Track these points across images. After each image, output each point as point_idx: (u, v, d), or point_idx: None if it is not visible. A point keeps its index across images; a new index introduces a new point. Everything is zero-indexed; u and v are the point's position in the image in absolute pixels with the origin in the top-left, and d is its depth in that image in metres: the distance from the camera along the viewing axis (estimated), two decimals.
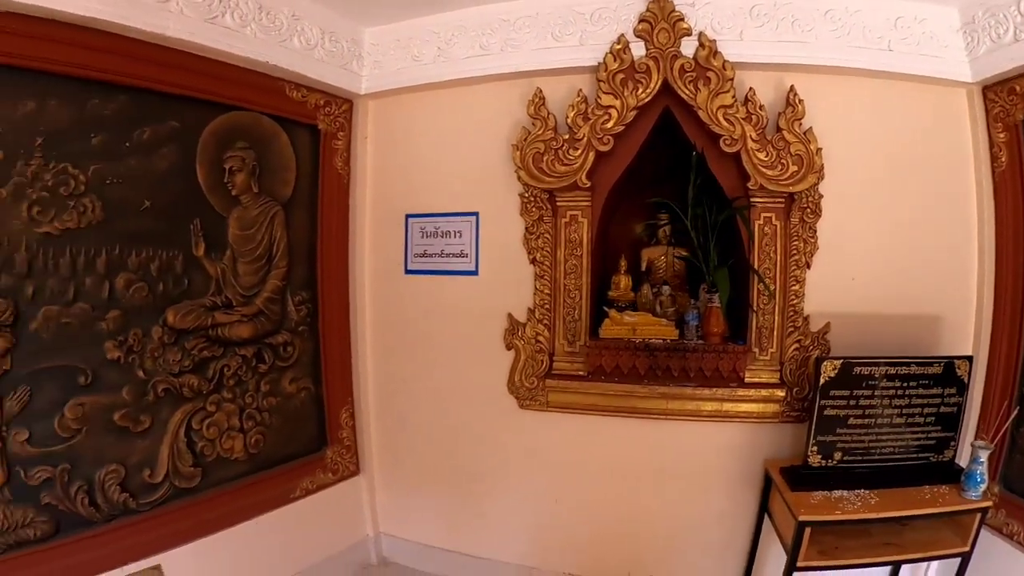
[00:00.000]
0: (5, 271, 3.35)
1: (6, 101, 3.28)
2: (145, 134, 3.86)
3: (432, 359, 5.14)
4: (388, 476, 5.36)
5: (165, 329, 4.06)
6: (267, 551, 4.56)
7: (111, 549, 3.80)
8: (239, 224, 4.44)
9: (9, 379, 3.41)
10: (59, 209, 3.51)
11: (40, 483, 3.53)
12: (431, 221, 5.04)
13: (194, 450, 4.23)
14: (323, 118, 4.90)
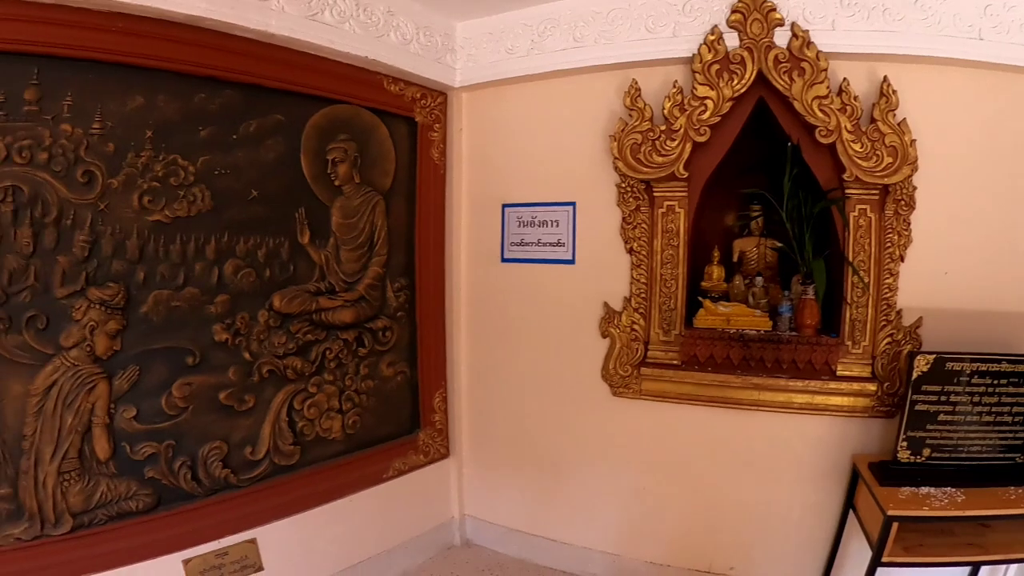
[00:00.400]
0: (117, 257, 3.26)
1: (116, 96, 3.19)
2: (251, 127, 3.74)
3: (525, 346, 4.86)
4: (476, 460, 5.11)
5: (271, 313, 3.92)
6: (357, 529, 4.38)
7: (209, 522, 3.67)
8: (342, 213, 4.26)
9: (119, 359, 3.32)
10: (169, 198, 3.41)
11: (145, 458, 3.44)
12: (528, 210, 4.76)
13: (295, 429, 4.07)
14: (419, 111, 4.68)
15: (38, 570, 3.11)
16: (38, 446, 3.12)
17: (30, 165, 2.98)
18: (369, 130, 4.42)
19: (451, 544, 5.01)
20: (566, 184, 4.62)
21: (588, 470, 4.68)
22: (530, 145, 4.75)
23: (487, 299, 5.01)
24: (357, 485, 4.34)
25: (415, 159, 4.68)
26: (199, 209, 3.53)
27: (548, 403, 4.77)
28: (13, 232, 2.97)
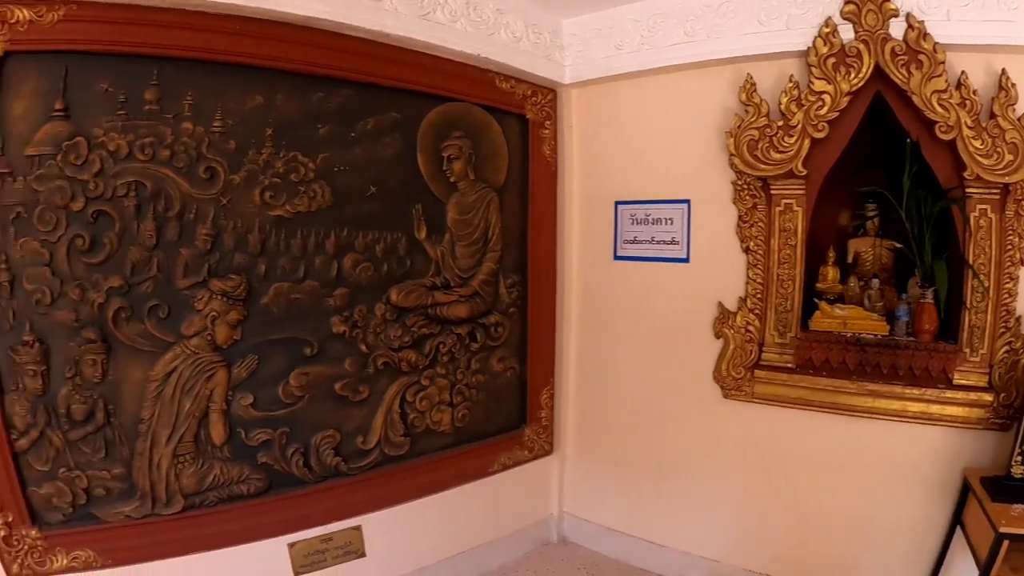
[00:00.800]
0: (239, 250, 3.16)
1: (236, 96, 3.08)
2: (369, 124, 3.54)
3: (635, 344, 4.40)
4: (578, 457, 4.69)
5: (388, 307, 3.69)
6: (459, 521, 4.10)
7: (317, 508, 3.49)
8: (457, 209, 3.97)
9: (239, 348, 3.21)
10: (290, 194, 3.27)
11: (259, 444, 3.31)
12: (641, 208, 4.31)
13: (406, 421, 3.82)
14: (530, 107, 4.31)
15: (146, 546, 3.02)
16: (155, 429, 3.03)
17: (152, 162, 2.89)
18: (482, 127, 4.09)
19: (548, 541, 4.63)
20: (679, 181, 4.16)
21: (693, 473, 4.22)
22: (642, 142, 4.31)
23: (598, 297, 4.58)
24: (462, 478, 4.06)
25: (527, 156, 4.33)
26: (319, 205, 3.37)
27: (655, 403, 4.32)
28: (136, 225, 2.88)
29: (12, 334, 2.70)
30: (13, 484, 2.75)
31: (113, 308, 2.86)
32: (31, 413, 2.76)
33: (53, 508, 2.86)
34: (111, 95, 2.78)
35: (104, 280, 2.84)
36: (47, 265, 2.73)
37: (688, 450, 4.20)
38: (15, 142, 2.64)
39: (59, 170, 2.70)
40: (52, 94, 2.68)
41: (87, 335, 2.82)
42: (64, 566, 2.88)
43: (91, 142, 2.75)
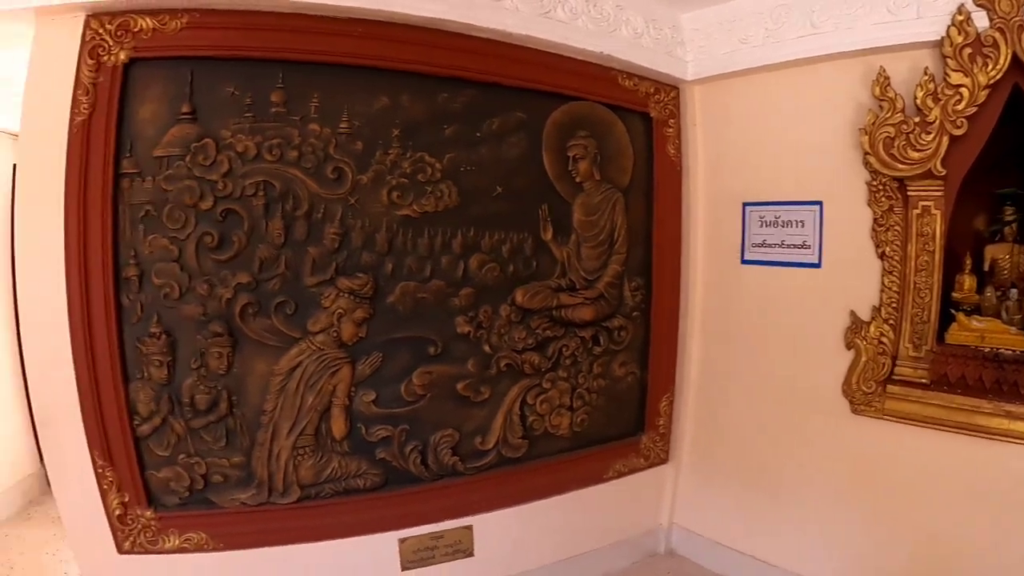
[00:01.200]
0: (366, 249, 2.93)
1: (362, 97, 2.87)
2: (494, 124, 3.21)
3: (760, 353, 3.77)
4: (693, 468, 4.10)
5: (513, 308, 3.31)
6: (570, 526, 3.65)
7: (430, 506, 3.20)
8: (583, 210, 3.52)
9: (364, 345, 2.97)
10: (417, 194, 3.01)
11: (378, 440, 3.05)
12: (770, 210, 3.67)
13: (525, 423, 3.43)
14: (654, 105, 3.76)
15: (259, 533, 2.87)
16: (276, 421, 2.85)
17: (280, 162, 2.72)
18: (607, 126, 3.60)
19: (655, 552, 4.10)
20: (811, 182, 3.52)
21: (814, 490, 3.58)
22: (770, 140, 3.67)
23: (723, 301, 3.96)
24: (577, 483, 3.62)
25: (651, 155, 3.79)
26: (446, 205, 3.08)
27: (778, 415, 3.70)
28: (265, 224, 2.73)
29: (140, 326, 2.61)
30: (132, 466, 2.67)
31: (240, 303, 2.72)
32: (155, 401, 2.66)
33: (170, 491, 2.76)
34: (238, 98, 2.65)
35: (232, 276, 2.70)
36: (176, 261, 2.62)
37: (809, 466, 3.57)
38: (143, 144, 2.55)
39: (188, 170, 2.59)
40: (179, 98, 2.58)
41: (214, 329, 2.68)
42: (175, 546, 2.78)
43: (219, 143, 2.62)
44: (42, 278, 2.51)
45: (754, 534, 3.74)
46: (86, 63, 2.43)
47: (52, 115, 2.44)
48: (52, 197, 2.46)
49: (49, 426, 2.65)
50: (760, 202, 3.69)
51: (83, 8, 2.42)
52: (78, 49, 2.43)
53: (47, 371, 2.58)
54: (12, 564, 3.91)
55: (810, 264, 3.51)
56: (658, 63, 3.60)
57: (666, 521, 4.03)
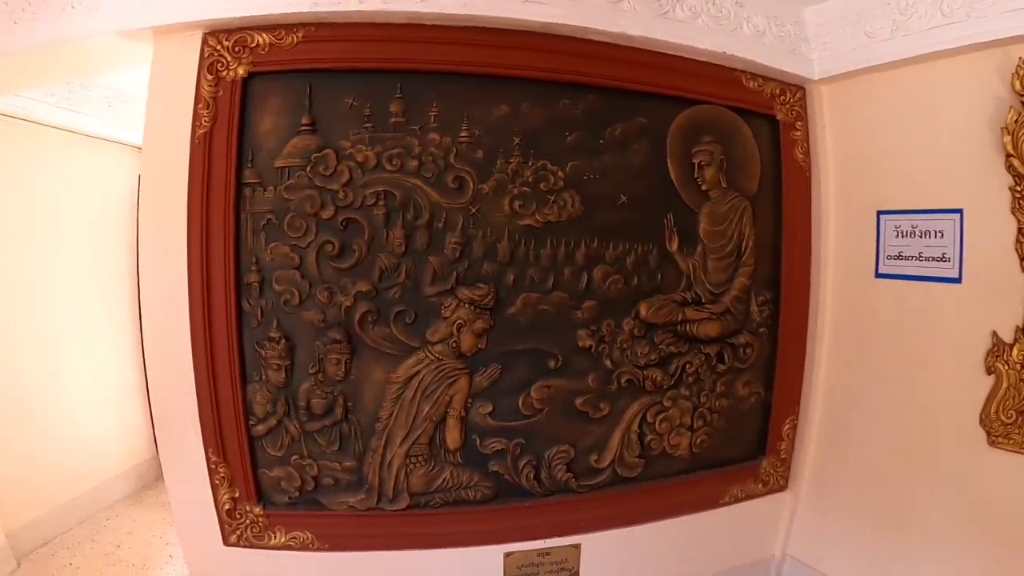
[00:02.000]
0: (488, 259, 2.77)
1: (481, 105, 2.73)
2: (616, 131, 2.93)
3: (892, 375, 3.30)
4: (813, 497, 3.65)
5: (636, 322, 3.02)
6: (679, 552, 3.37)
7: (539, 521, 3.01)
8: (710, 219, 3.18)
9: (483, 357, 2.83)
10: (539, 203, 2.82)
11: (492, 453, 2.90)
12: (907, 219, 3.19)
13: (643, 442, 3.15)
14: (780, 107, 3.32)
15: (365, 536, 2.84)
16: (391, 429, 2.76)
17: (400, 172, 2.63)
18: (732, 131, 3.23)
19: None
20: (949, 187, 3.04)
21: (941, 529, 3.10)
22: (903, 142, 3.18)
23: (855, 319, 3.48)
24: (691, 507, 3.33)
25: (778, 161, 3.38)
26: (569, 214, 2.87)
27: (907, 444, 3.23)
28: (385, 233, 2.64)
29: (260, 330, 2.60)
30: (245, 464, 2.69)
31: (360, 311, 2.63)
32: (271, 403, 2.66)
33: (280, 490, 2.76)
34: (356, 109, 2.58)
35: (352, 284, 2.62)
36: (296, 268, 2.58)
37: (940, 503, 3.10)
38: (264, 155, 2.55)
39: (308, 180, 2.55)
40: (298, 110, 2.54)
41: (333, 335, 2.63)
42: (281, 543, 2.79)
43: (339, 154, 2.56)
44: (165, 281, 2.52)
45: (871, 572, 3.33)
46: (205, 78, 2.45)
47: (174, 128, 2.47)
48: (175, 205, 2.48)
49: (166, 422, 2.68)
50: (895, 210, 3.22)
51: (200, 26, 2.44)
52: (197, 65, 2.46)
53: (167, 370, 2.60)
54: (120, 543, 4.03)
55: (949, 279, 3.00)
56: (782, 62, 3.19)
57: (779, 552, 3.63)
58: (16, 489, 3.77)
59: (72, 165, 4.14)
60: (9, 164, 3.69)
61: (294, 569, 2.86)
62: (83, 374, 4.36)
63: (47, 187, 4.00)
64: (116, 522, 4.30)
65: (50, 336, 4.07)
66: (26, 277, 3.88)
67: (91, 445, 4.42)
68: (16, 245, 3.80)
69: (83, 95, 3.94)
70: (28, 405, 3.91)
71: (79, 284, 4.29)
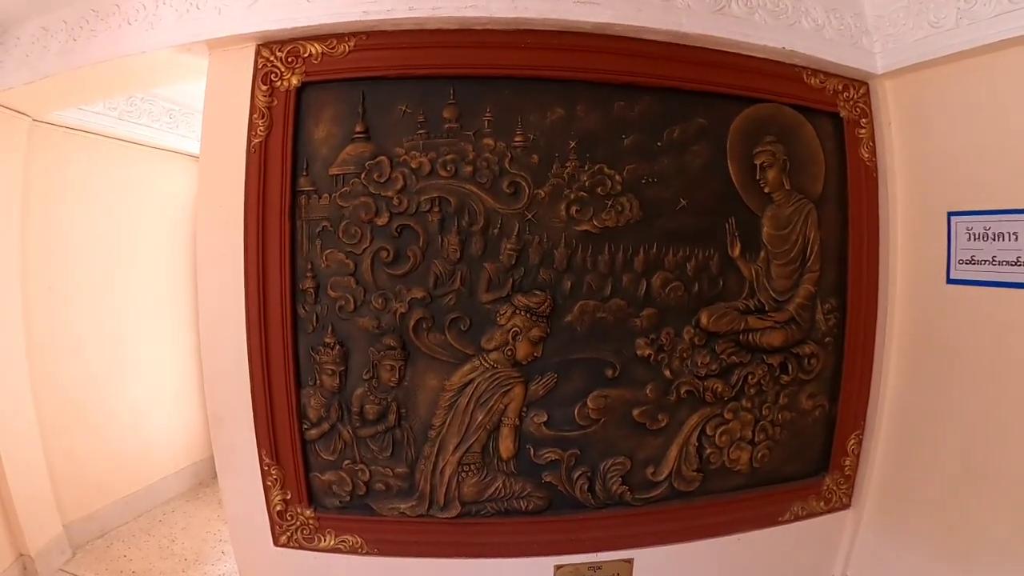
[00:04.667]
0: (544, 266, 2.71)
1: (535, 109, 2.67)
2: (675, 133, 2.82)
3: (965, 388, 3.05)
4: (877, 517, 3.43)
5: (697, 330, 2.90)
6: (736, 570, 3.25)
7: (592, 535, 2.93)
8: (773, 223, 3.02)
9: (538, 365, 2.77)
10: (597, 208, 2.73)
11: (546, 463, 2.84)
12: (979, 220, 2.95)
13: (701, 455, 3.04)
14: (843, 104, 3.13)
15: (414, 543, 2.84)
16: (444, 436, 2.75)
17: (455, 178, 2.61)
18: (794, 130, 3.06)
19: None
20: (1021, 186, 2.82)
21: (1019, 559, 2.84)
22: (974, 138, 2.94)
23: (925, 327, 3.24)
24: (750, 524, 3.19)
25: (843, 161, 3.19)
26: (627, 219, 2.77)
27: (982, 464, 2.99)
28: (440, 240, 2.63)
29: (314, 335, 2.63)
30: (298, 467, 2.73)
31: (415, 318, 2.63)
32: (324, 408, 2.68)
33: (332, 494, 2.79)
34: (410, 116, 2.57)
35: (407, 291, 2.62)
36: (351, 275, 2.60)
37: (1012, 530, 2.88)
38: (319, 163, 2.57)
39: (363, 187, 2.56)
40: (351, 118, 2.56)
41: (387, 342, 2.63)
42: (330, 546, 2.82)
43: (393, 160, 2.57)
44: (221, 287, 2.56)
45: None
46: (259, 88, 2.50)
47: (230, 138, 2.51)
48: (232, 212, 2.52)
49: (221, 423, 2.71)
50: (967, 211, 3.00)
51: (253, 38, 2.50)
52: (251, 76, 2.51)
53: (223, 373, 2.64)
54: (174, 537, 4.12)
55: None
56: (844, 56, 3.03)
57: (839, 574, 3.48)
58: (76, 483, 3.89)
59: (135, 175, 4.30)
60: (75, 174, 3.82)
61: (343, 572, 2.88)
62: (146, 374, 4.49)
63: (112, 196, 4.17)
64: (172, 517, 4.38)
65: (115, 337, 4.22)
66: (93, 280, 4.04)
67: (151, 442, 4.55)
68: (84, 250, 3.94)
69: (144, 107, 4.09)
70: (92, 403, 4.06)
71: (143, 287, 4.44)
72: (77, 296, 3.87)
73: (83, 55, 2.84)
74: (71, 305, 3.83)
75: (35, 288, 3.60)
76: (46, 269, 3.67)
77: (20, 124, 3.40)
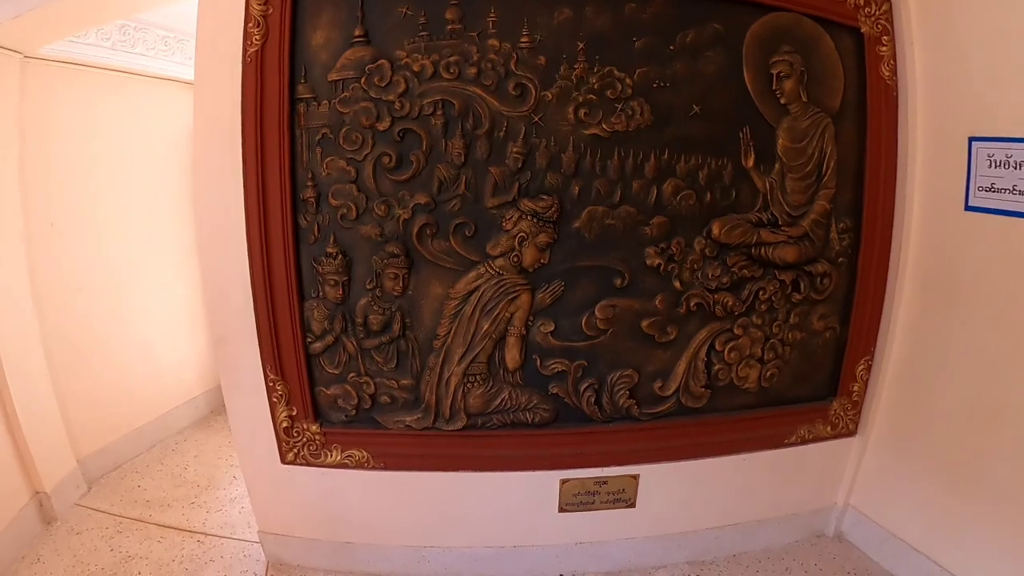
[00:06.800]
0: (551, 170, 2.60)
1: (542, 10, 2.52)
2: (688, 37, 2.67)
3: (978, 320, 2.95)
4: (883, 446, 3.37)
5: (708, 241, 2.82)
6: (740, 491, 3.24)
7: (598, 449, 2.93)
8: (789, 136, 2.88)
9: (545, 272, 2.70)
10: (606, 112, 2.60)
11: (552, 374, 2.81)
12: (1002, 147, 2.80)
13: (709, 371, 2.98)
14: (864, 19, 2.96)
15: (420, 456, 2.86)
16: (449, 346, 2.72)
17: (459, 80, 2.50)
18: (813, 42, 2.92)
19: (821, 532, 3.52)
20: None
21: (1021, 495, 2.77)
22: (999, 61, 2.77)
23: (940, 254, 3.12)
24: (756, 444, 3.17)
25: (863, 78, 3.04)
26: (638, 124, 2.64)
27: (991, 398, 2.89)
28: (444, 143, 2.52)
29: (316, 246, 2.58)
30: (303, 382, 2.71)
31: (418, 224, 2.56)
32: (328, 320, 2.65)
33: (337, 408, 2.79)
34: (411, 18, 2.46)
35: (410, 197, 2.54)
36: (353, 182, 2.52)
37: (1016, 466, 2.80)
38: (318, 70, 2.48)
39: (363, 92, 2.47)
40: (350, 21, 2.45)
41: (391, 250, 2.57)
42: (336, 461, 2.84)
43: (394, 64, 2.46)
44: (221, 201, 2.51)
45: (940, 535, 3.07)
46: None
47: (225, 50, 2.41)
48: (229, 125, 2.44)
49: (224, 342, 2.69)
50: (989, 137, 2.85)
51: None
52: None
53: (224, 290, 2.61)
54: (187, 465, 4.15)
55: None
56: None
57: (841, 501, 3.46)
58: (88, 417, 3.89)
59: (133, 105, 4.19)
60: (71, 109, 3.74)
61: (350, 487, 2.89)
62: (153, 305, 4.47)
63: (110, 127, 4.03)
64: (184, 446, 4.41)
65: (120, 269, 4.17)
66: (95, 214, 3.94)
67: (162, 373, 4.55)
68: (85, 183, 3.85)
69: (138, 36, 3.96)
70: (100, 337, 4.01)
71: (146, 218, 4.38)
72: (80, 231, 3.82)
73: None
74: (74, 240, 3.78)
75: (37, 225, 3.54)
76: (47, 206, 3.60)
77: (11, 61, 3.30)
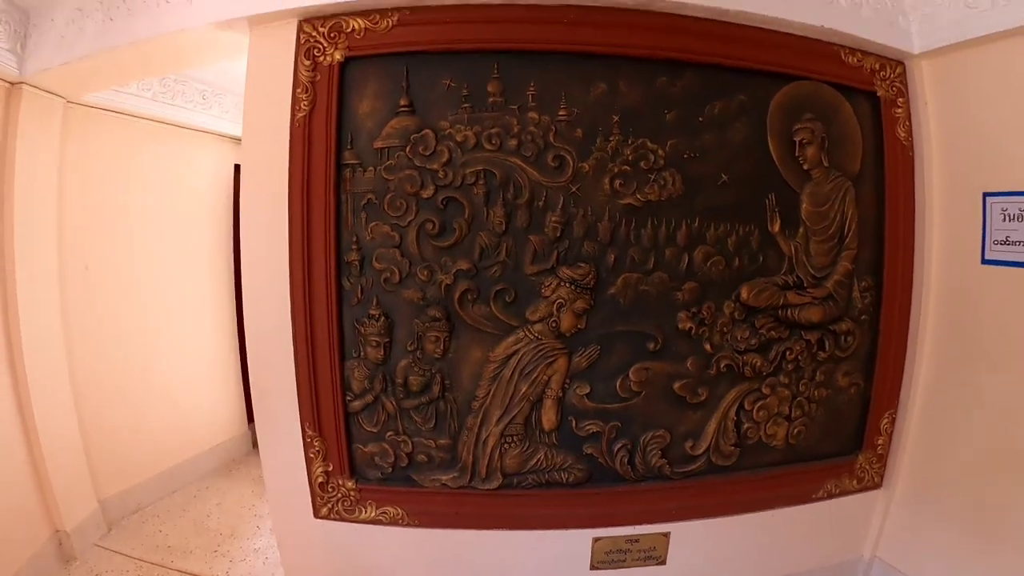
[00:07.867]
0: (588, 238, 2.70)
1: (578, 84, 2.65)
2: (715, 109, 2.80)
3: (999, 370, 2.99)
4: (909, 498, 3.38)
5: (737, 305, 2.89)
6: (768, 547, 3.23)
7: (631, 508, 2.94)
8: (812, 200, 2.99)
9: (582, 337, 2.77)
10: (640, 182, 2.72)
11: (587, 435, 2.85)
12: (1015, 201, 2.90)
13: (739, 430, 3.03)
14: (880, 83, 3.08)
15: (455, 515, 2.86)
16: (487, 407, 2.76)
17: (500, 151, 2.61)
18: (833, 108, 3.03)
19: None
20: None
21: None
22: (1010, 118, 2.89)
23: (960, 307, 3.19)
24: (784, 500, 3.18)
25: (880, 140, 3.14)
26: (670, 193, 2.75)
27: (1015, 448, 2.92)
28: (486, 212, 2.62)
29: (359, 307, 2.65)
30: (340, 439, 2.75)
31: (460, 290, 2.64)
32: (368, 380, 2.70)
33: (374, 466, 2.82)
34: (454, 90, 2.57)
35: (452, 263, 2.63)
36: (397, 247, 2.61)
37: None
38: (364, 137, 2.57)
39: (408, 160, 2.56)
40: (396, 92, 2.56)
41: (432, 313, 2.64)
42: (371, 517, 2.85)
43: (438, 134, 2.57)
44: (267, 261, 2.57)
45: None
46: (302, 63, 2.51)
47: (273, 113, 2.51)
48: (276, 186, 2.52)
49: (265, 396, 2.73)
50: (1003, 192, 2.94)
51: (294, 14, 2.49)
52: (294, 51, 2.52)
53: (267, 346, 2.66)
54: (209, 512, 4.17)
55: None
56: (881, 35, 2.99)
57: (868, 553, 3.45)
58: (111, 460, 3.94)
59: (169, 155, 4.32)
60: (109, 155, 3.84)
61: (383, 544, 2.89)
62: (181, 351, 4.53)
63: (146, 175, 4.16)
64: (206, 494, 4.41)
65: (150, 314, 4.26)
66: (128, 258, 4.06)
67: (186, 419, 4.59)
68: (120, 229, 3.96)
69: (177, 88, 4.11)
70: (128, 380, 4.10)
71: (177, 265, 4.47)
72: (113, 274, 3.90)
73: (120, 35, 2.82)
74: (107, 283, 3.85)
75: (72, 267, 3.61)
76: (82, 248, 3.67)
77: (55, 106, 3.40)
